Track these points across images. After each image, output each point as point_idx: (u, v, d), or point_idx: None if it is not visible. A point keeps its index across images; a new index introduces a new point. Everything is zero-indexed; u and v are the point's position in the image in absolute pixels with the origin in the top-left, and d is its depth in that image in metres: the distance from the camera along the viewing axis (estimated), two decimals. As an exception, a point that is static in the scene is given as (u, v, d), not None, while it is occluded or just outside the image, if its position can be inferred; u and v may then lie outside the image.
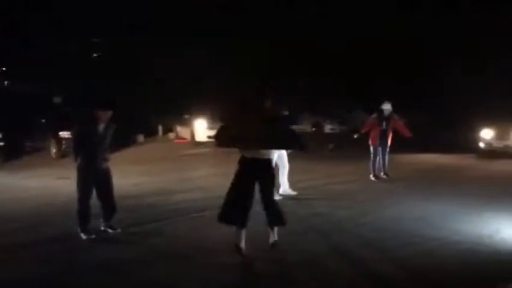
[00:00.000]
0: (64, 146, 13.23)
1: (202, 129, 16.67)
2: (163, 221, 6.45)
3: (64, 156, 12.97)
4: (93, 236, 5.64)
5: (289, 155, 8.07)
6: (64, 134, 13.34)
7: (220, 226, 6.06)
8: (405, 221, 6.37)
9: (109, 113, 5.72)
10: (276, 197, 7.76)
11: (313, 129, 21.50)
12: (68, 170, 10.37)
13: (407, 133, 9.86)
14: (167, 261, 4.95)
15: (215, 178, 9.93)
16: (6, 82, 27.68)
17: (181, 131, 18.32)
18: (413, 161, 12.41)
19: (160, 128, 19.80)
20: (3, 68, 27.35)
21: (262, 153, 5.00)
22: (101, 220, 5.85)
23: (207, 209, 7.03)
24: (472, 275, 4.56)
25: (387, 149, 9.80)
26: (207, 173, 11.04)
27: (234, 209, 4.98)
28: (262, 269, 4.73)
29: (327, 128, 21.42)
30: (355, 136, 10.22)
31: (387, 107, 9.70)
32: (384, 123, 9.68)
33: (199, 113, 16.83)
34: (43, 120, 14.54)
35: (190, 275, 4.59)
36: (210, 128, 16.70)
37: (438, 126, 18.93)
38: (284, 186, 8.12)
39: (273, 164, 5.39)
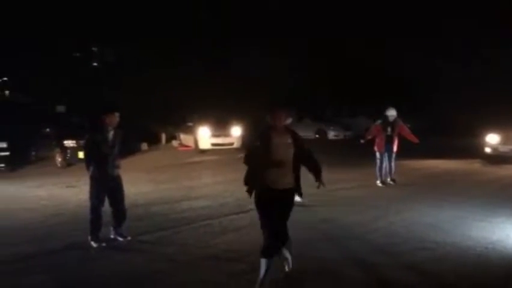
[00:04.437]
0: (68, 155, 13.24)
1: (205, 136, 16.65)
2: (171, 229, 6.44)
3: (69, 165, 12.98)
4: (104, 244, 5.65)
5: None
6: (69, 142, 13.35)
7: (225, 234, 6.08)
8: (415, 226, 6.34)
9: (117, 118, 5.73)
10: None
11: (317, 136, 21.47)
12: (75, 178, 10.48)
13: (414, 139, 9.82)
14: (178, 269, 4.95)
15: (219, 186, 9.91)
16: (7, 92, 27.80)
17: (185, 138, 18.29)
18: (419, 167, 12.37)
19: (163, 136, 19.79)
20: (5, 78, 27.44)
21: None
22: (111, 228, 5.85)
23: (212, 218, 7.05)
24: (485, 280, 4.55)
25: (394, 155, 9.77)
26: (211, 180, 11.02)
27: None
28: (273, 278, 4.68)
29: (331, 134, 21.32)
30: (361, 141, 10.21)
31: (391, 112, 9.67)
32: (389, 129, 9.65)
33: (203, 120, 16.83)
34: (47, 130, 14.53)
35: (201, 283, 4.57)
36: (214, 136, 16.75)
37: (441, 131, 18.92)
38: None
39: None
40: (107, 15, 23.52)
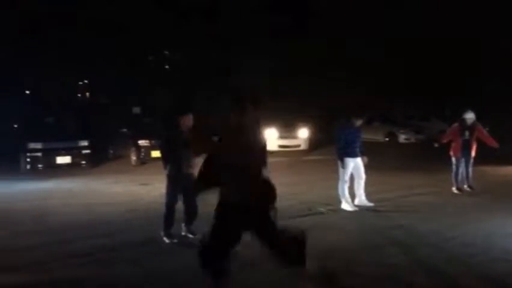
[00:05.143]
0: (142, 154, 13.87)
1: (273, 138, 16.72)
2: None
3: (143, 163, 13.60)
4: (175, 240, 5.88)
5: (365, 166, 7.88)
6: (143, 142, 14.00)
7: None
8: (495, 237, 5.94)
9: (191, 119, 5.96)
10: (351, 208, 7.63)
11: (387, 139, 20.81)
12: (148, 176, 10.96)
13: (493, 143, 9.24)
14: (244, 267, 5.00)
15: (285, 188, 9.74)
16: (88, 94, 29.74)
17: (252, 140, 18.51)
18: (499, 173, 11.58)
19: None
20: (85, 81, 29.28)
21: None
22: (182, 225, 6.06)
23: (279, 219, 7.02)
24: None
25: (471, 160, 9.25)
26: (277, 182, 10.89)
27: None
28: (343, 282, 4.61)
29: (402, 137, 20.55)
30: (435, 145, 9.77)
31: (470, 115, 9.17)
32: (467, 133, 9.16)
33: (270, 122, 16.91)
34: (124, 130, 15.33)
35: (268, 283, 4.64)
36: (281, 137, 16.78)
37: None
38: (360, 198, 7.92)
39: None
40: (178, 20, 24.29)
